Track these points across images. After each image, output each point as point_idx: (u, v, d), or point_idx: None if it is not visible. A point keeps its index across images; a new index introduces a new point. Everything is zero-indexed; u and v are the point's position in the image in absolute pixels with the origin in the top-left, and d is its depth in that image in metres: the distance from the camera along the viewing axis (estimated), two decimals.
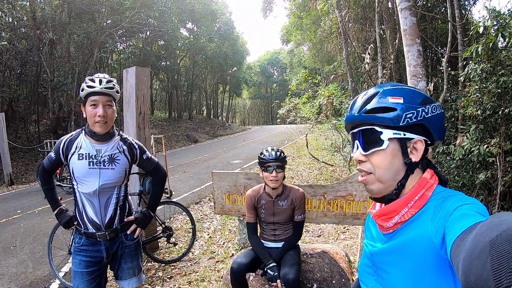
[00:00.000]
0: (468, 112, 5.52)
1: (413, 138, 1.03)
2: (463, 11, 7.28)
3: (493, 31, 5.29)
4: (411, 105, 1.01)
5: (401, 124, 1.00)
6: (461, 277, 0.56)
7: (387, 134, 1.02)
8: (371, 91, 1.09)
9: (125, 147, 2.38)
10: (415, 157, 1.03)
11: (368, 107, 1.05)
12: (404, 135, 1.02)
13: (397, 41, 8.87)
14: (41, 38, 16.32)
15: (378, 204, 1.15)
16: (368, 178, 1.07)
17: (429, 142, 1.05)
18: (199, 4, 29.30)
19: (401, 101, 1.02)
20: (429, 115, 1.02)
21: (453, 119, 7.06)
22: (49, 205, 2.52)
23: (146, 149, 2.56)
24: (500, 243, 0.50)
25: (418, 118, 1.01)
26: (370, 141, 1.05)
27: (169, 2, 22.70)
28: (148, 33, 25.79)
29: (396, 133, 1.02)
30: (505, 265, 0.47)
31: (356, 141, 1.09)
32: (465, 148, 5.47)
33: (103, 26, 19.43)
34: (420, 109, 1.01)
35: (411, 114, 1.00)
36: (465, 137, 5.60)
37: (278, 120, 17.72)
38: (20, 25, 13.92)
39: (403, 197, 1.03)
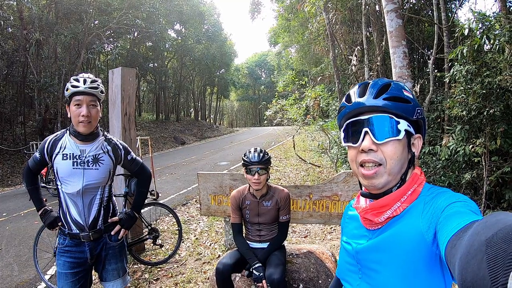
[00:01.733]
0: (453, 113, 5.57)
1: (414, 134, 1.04)
2: (449, 13, 7.36)
3: (478, 34, 5.35)
4: (417, 102, 1.03)
5: (413, 117, 1.01)
6: (457, 276, 0.56)
7: (403, 125, 0.99)
8: (380, 80, 1.05)
9: (109, 148, 2.37)
10: (416, 151, 1.05)
11: (390, 93, 1.01)
12: (412, 128, 1.02)
13: (383, 43, 8.94)
14: (28, 38, 16.17)
15: (363, 199, 1.12)
16: (378, 171, 1.00)
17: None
18: (187, 6, 29.24)
19: (411, 96, 1.02)
20: (422, 115, 1.05)
21: (439, 120, 7.14)
22: (35, 208, 2.49)
23: (131, 150, 2.55)
24: (496, 241, 0.49)
25: (421, 115, 1.04)
26: (385, 129, 0.99)
27: (157, 3, 22.62)
28: (135, 34, 25.67)
29: (409, 126, 1.01)
30: (501, 263, 0.46)
31: (366, 129, 1.01)
32: (450, 148, 5.53)
33: (91, 26, 19.30)
34: (422, 108, 1.04)
35: (420, 110, 1.02)
36: (450, 137, 5.66)
37: (265, 122, 17.75)
38: (6, 25, 13.78)
39: (396, 191, 1.01)
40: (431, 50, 7.81)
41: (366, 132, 1.01)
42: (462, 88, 5.35)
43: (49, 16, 18.00)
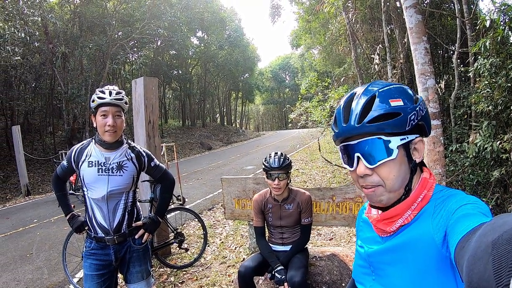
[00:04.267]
0: (479, 109, 5.44)
1: (414, 139, 0.97)
2: (471, 5, 7.17)
3: (502, 24, 5.21)
4: (411, 106, 0.95)
5: (406, 128, 0.93)
6: (464, 278, 0.56)
7: (395, 142, 0.94)
8: (364, 94, 0.98)
9: (133, 155, 2.46)
10: (417, 157, 0.99)
11: (372, 114, 0.94)
12: (407, 138, 0.95)
13: (406, 40, 8.79)
14: (53, 51, 16.67)
15: (374, 209, 1.09)
16: (377, 191, 0.98)
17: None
18: (208, 13, 29.51)
19: (401, 103, 0.94)
20: (424, 112, 0.97)
21: (465, 116, 6.98)
22: (63, 213, 2.61)
23: (154, 157, 2.63)
24: (501, 243, 0.49)
25: (418, 118, 0.95)
26: (376, 152, 0.95)
27: (178, 12, 22.91)
28: (159, 43, 26.07)
29: (403, 139, 0.94)
30: (505, 264, 0.46)
31: (357, 154, 0.98)
32: (478, 145, 5.40)
33: (114, 38, 19.72)
34: (417, 108, 0.95)
35: (414, 116, 0.94)
36: (477, 134, 5.51)
37: (290, 125, 17.69)
38: (32, 40, 14.25)
39: (406, 200, 0.98)
40: (455, 45, 7.63)
41: (358, 157, 0.98)
42: (487, 82, 5.22)
43: (74, 29, 18.55)
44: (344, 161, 1.05)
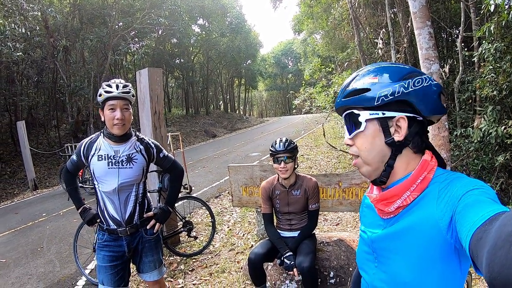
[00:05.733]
0: (484, 93, 5.43)
1: (395, 117, 0.98)
2: None
3: (506, 8, 5.18)
4: (387, 83, 0.97)
5: (375, 103, 0.97)
6: (484, 268, 0.56)
7: (364, 116, 1.00)
8: (352, 75, 1.07)
9: (142, 147, 2.49)
10: (398, 135, 0.98)
11: (347, 91, 1.03)
12: (383, 114, 0.98)
13: (409, 24, 8.74)
14: (55, 45, 16.68)
15: (375, 188, 1.12)
16: (357, 162, 1.07)
17: (420, 119, 0.99)
18: (209, 0, 29.26)
19: (376, 80, 0.99)
20: (410, 89, 0.96)
21: (470, 101, 6.96)
22: (73, 207, 2.68)
23: (162, 148, 2.66)
24: None
25: (396, 95, 0.96)
26: (352, 124, 1.03)
27: (178, 0, 22.74)
28: (160, 33, 25.88)
29: (372, 113, 0.99)
30: None
31: (345, 126, 1.09)
32: (483, 130, 5.39)
33: (115, 29, 19.62)
34: (397, 85, 0.96)
35: (386, 92, 0.96)
36: (482, 119, 5.51)
37: (294, 111, 17.70)
38: (33, 35, 14.18)
39: (404, 181, 0.99)
40: (459, 28, 7.58)
41: (346, 129, 1.09)
42: (491, 67, 5.21)
43: (74, 22, 18.51)
44: None
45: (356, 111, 1.02)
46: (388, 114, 0.98)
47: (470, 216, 0.74)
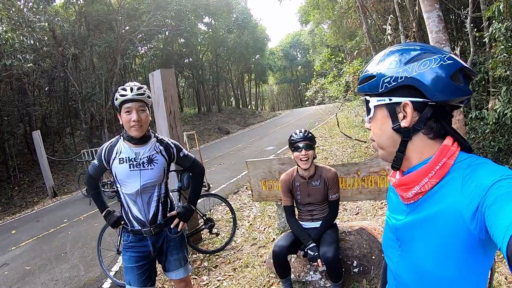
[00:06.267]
0: (497, 74, 5.37)
1: (401, 102, 0.96)
2: None
3: None
4: (391, 68, 0.96)
5: (380, 90, 0.97)
6: None
7: (372, 102, 1.02)
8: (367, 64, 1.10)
9: (161, 148, 2.53)
10: (405, 121, 0.96)
11: (359, 78, 1.06)
12: (390, 100, 0.97)
13: (417, 7, 8.67)
14: (64, 54, 16.97)
15: (398, 173, 1.09)
16: (374, 145, 1.09)
17: (433, 103, 0.93)
18: None
19: (380, 67, 0.99)
20: (414, 73, 0.92)
21: (483, 82, 6.87)
22: (93, 212, 2.77)
23: (182, 147, 2.69)
24: None
25: (399, 81, 0.94)
26: (366, 110, 1.06)
27: (183, 0, 22.80)
28: (167, 33, 26.01)
29: (380, 100, 0.99)
30: None
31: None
32: (498, 111, 5.30)
33: (122, 33, 19.79)
34: (400, 70, 0.94)
35: (389, 78, 0.95)
36: (496, 100, 5.44)
37: (307, 103, 17.67)
38: (42, 45, 14.48)
39: (423, 167, 0.96)
40: (467, 9, 7.50)
41: None
42: (503, 46, 5.14)
43: (81, 30, 18.80)
44: None
45: (367, 98, 1.04)
46: (395, 99, 0.96)
47: (504, 215, 0.71)
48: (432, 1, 4.57)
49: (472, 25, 7.10)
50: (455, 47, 7.15)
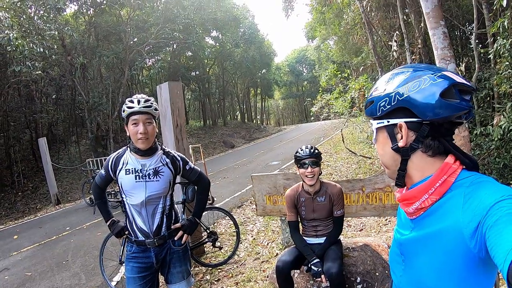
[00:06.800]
0: (502, 90, 5.39)
1: (397, 123, 1.00)
2: None
3: None
4: (385, 93, 1.01)
5: (378, 114, 1.04)
6: None
7: (374, 125, 1.08)
8: None
9: (168, 160, 2.53)
10: (402, 141, 1.00)
11: (365, 103, 1.12)
12: (388, 122, 1.02)
13: (422, 24, 8.72)
14: (72, 63, 17.14)
15: (403, 188, 1.11)
16: (381, 164, 1.15)
17: (427, 122, 0.95)
18: (221, 12, 29.50)
19: (377, 92, 1.05)
20: (405, 95, 0.96)
21: (488, 98, 6.88)
22: (96, 221, 2.79)
23: (188, 160, 2.70)
24: None
25: (392, 104, 0.98)
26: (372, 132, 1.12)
27: (191, 13, 23.02)
28: (174, 46, 26.21)
29: (379, 123, 1.05)
30: None
31: None
32: (503, 127, 5.32)
33: (130, 44, 20.00)
34: (393, 93, 0.98)
35: (384, 102, 1.01)
36: (501, 116, 5.45)
37: (312, 118, 17.68)
38: (51, 54, 14.60)
39: (423, 183, 0.99)
40: (472, 25, 7.54)
41: None
42: (508, 63, 5.16)
43: (90, 40, 18.99)
44: None
45: (371, 121, 1.10)
46: (392, 121, 1.01)
47: (505, 238, 0.71)
48: (437, 18, 4.60)
49: (477, 41, 7.14)
50: (460, 63, 7.17)
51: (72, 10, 18.94)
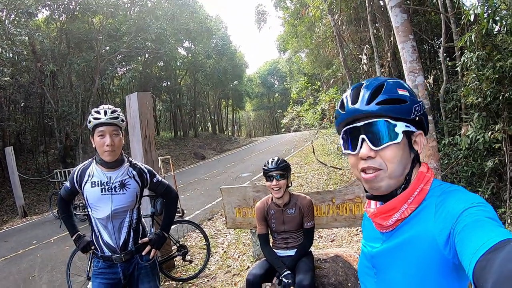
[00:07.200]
0: (469, 101, 5.51)
1: (415, 132, 1.00)
2: (454, 0, 7.27)
3: (485, 16, 5.29)
4: (416, 99, 1.00)
5: (411, 116, 0.98)
6: None
7: (401, 127, 0.96)
8: (374, 81, 1.03)
9: (134, 172, 2.48)
10: (418, 150, 1.02)
11: (381, 97, 0.97)
12: (411, 127, 0.99)
13: (392, 38, 8.88)
14: (42, 70, 16.64)
15: (373, 203, 1.11)
16: (378, 175, 0.98)
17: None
18: (194, 23, 29.49)
19: (407, 93, 0.99)
20: (423, 110, 1.02)
21: (456, 109, 7.05)
22: (64, 234, 2.67)
23: (156, 173, 2.65)
24: None
25: (421, 112, 1.00)
26: (382, 134, 0.96)
27: (164, 23, 22.87)
28: (146, 56, 26.00)
29: (407, 126, 0.98)
30: None
31: (362, 136, 0.99)
32: (470, 137, 5.44)
33: (102, 53, 19.65)
34: (420, 103, 1.01)
35: (418, 107, 0.99)
36: (469, 126, 5.58)
37: (283, 130, 17.80)
38: (20, 59, 14.19)
39: (402, 194, 0.98)
40: (440, 39, 7.73)
41: (363, 139, 0.99)
42: (475, 75, 5.29)
43: (61, 47, 18.53)
44: (345, 147, 1.06)
45: (391, 121, 0.97)
46: (412, 128, 1.00)
47: (472, 241, 0.74)
48: (406, 32, 4.66)
49: (445, 54, 7.32)
50: (429, 76, 7.32)
51: (44, 15, 18.47)
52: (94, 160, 2.45)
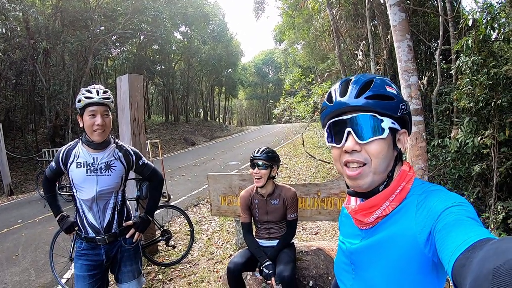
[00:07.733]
0: (461, 105, 5.53)
1: (399, 130, 1.02)
2: (454, 3, 7.27)
3: (484, 22, 5.30)
4: (402, 97, 1.01)
5: (398, 114, 0.99)
6: None
7: (387, 123, 0.97)
8: (362, 77, 1.03)
9: (120, 154, 2.46)
10: (402, 148, 1.04)
11: (370, 92, 0.97)
12: (396, 124, 1.00)
13: (389, 36, 8.87)
14: (35, 47, 16.34)
15: (353, 199, 1.10)
16: (363, 171, 0.98)
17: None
18: (192, 7, 29.23)
19: (395, 92, 1.00)
20: (408, 109, 1.03)
21: (447, 112, 7.09)
22: (49, 214, 2.64)
23: (142, 155, 2.64)
24: (502, 272, 0.51)
25: (407, 111, 1.02)
26: (368, 128, 0.97)
27: (161, 6, 22.62)
28: (141, 38, 25.71)
29: (393, 123, 0.99)
30: None
31: (348, 129, 0.99)
32: (459, 140, 5.47)
33: (97, 33, 19.38)
34: (406, 103, 1.02)
35: (404, 106, 1.00)
36: (459, 129, 5.60)
37: (274, 120, 17.78)
38: (14, 36, 13.93)
39: (384, 191, 1.00)
40: (438, 41, 7.75)
41: (349, 132, 0.99)
42: (468, 79, 5.30)
43: (55, 24, 18.18)
44: (329, 140, 1.06)
45: (379, 116, 0.97)
46: (397, 126, 1.02)
47: (452, 239, 0.74)
48: (403, 31, 4.64)
49: (440, 57, 7.34)
50: (423, 76, 7.34)
51: None
52: (80, 141, 2.42)
